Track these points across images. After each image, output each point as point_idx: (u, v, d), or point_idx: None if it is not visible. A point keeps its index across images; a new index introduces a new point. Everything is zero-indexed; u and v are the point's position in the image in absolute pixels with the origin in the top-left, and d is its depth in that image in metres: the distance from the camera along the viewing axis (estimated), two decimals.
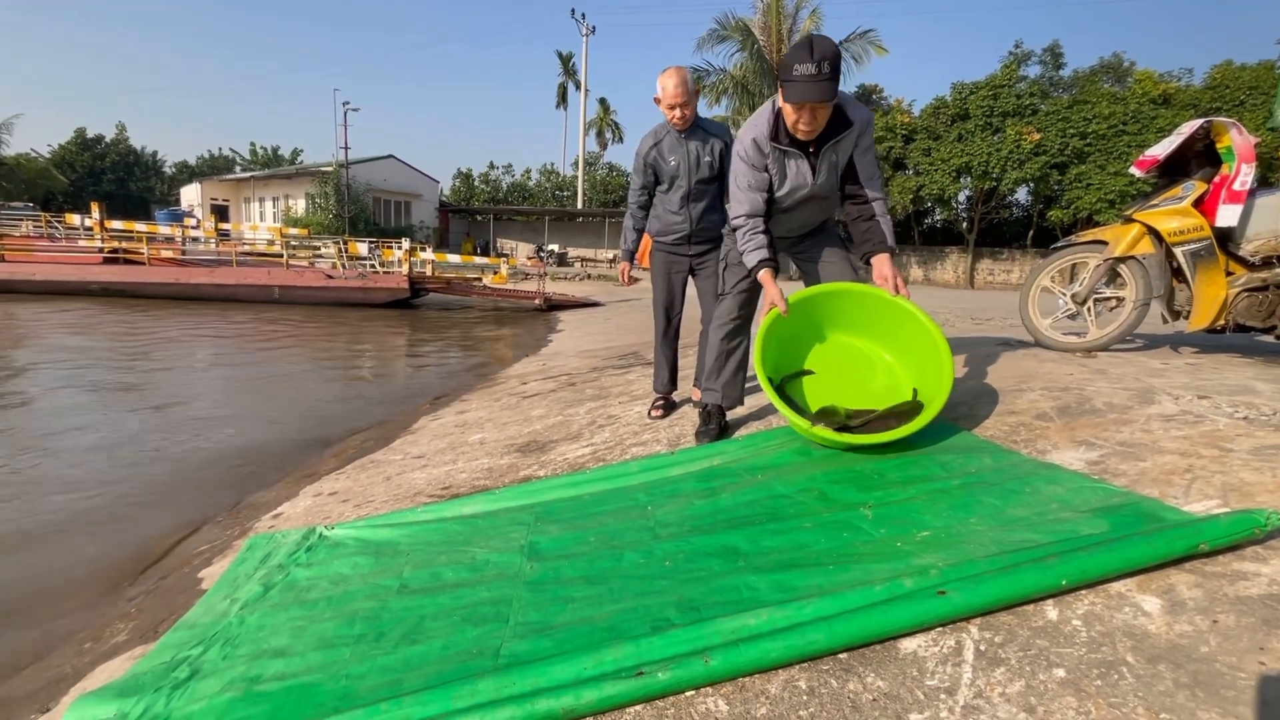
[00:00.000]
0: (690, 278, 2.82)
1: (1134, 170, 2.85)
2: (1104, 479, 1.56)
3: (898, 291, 2.03)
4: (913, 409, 1.95)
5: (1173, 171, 2.78)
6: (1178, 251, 2.69)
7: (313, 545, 1.91)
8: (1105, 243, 2.88)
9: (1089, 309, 2.95)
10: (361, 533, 1.95)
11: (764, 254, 2.09)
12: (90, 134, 47.28)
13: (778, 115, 2.00)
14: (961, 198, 24.21)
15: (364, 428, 3.88)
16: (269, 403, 4.63)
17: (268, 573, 1.77)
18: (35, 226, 16.64)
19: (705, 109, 25.82)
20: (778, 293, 2.08)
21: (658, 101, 2.55)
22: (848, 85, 29.80)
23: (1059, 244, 3.10)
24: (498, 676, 1.05)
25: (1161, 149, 2.73)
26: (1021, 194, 24.28)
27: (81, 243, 14.99)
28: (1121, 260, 2.81)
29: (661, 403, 2.92)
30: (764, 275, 2.10)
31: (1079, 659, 0.99)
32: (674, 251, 2.76)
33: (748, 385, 2.52)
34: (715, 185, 2.67)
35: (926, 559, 1.22)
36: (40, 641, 1.78)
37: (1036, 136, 20.54)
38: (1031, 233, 24.16)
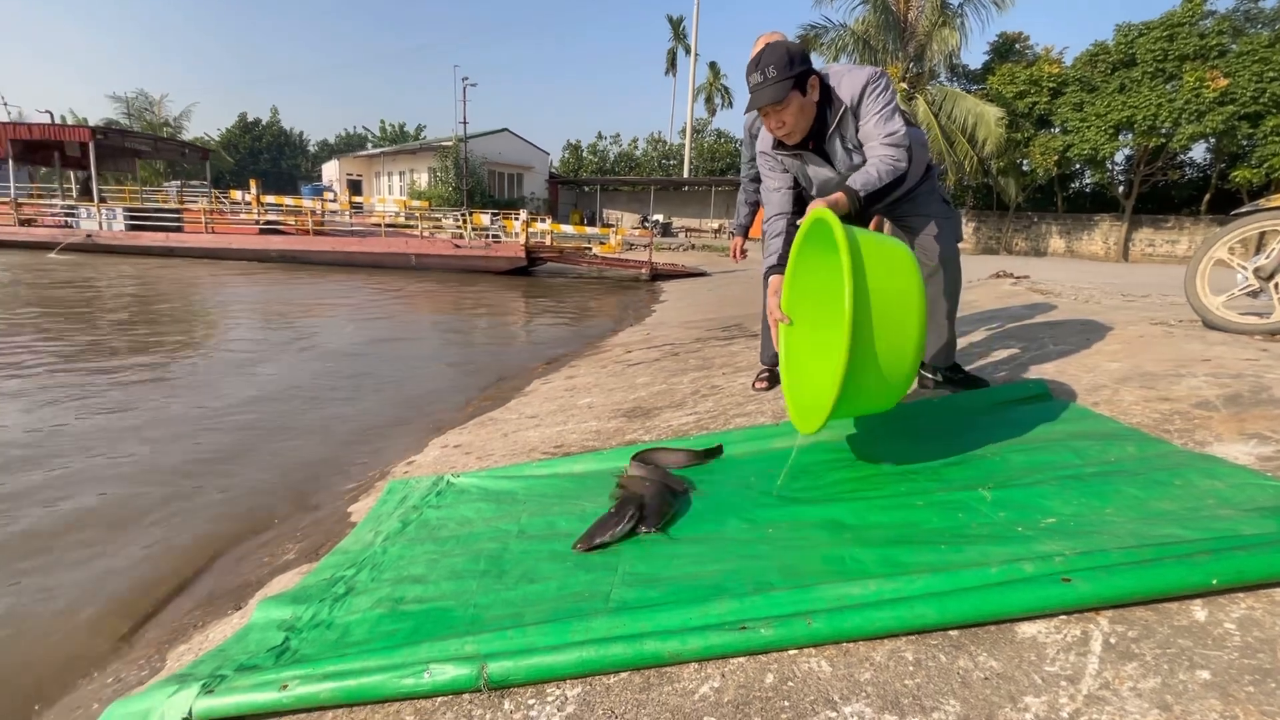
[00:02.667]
0: None
1: None
2: (1278, 476, 1.39)
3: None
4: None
5: None
6: None
7: (442, 490, 2.11)
8: None
9: (1276, 285, 2.56)
10: (483, 482, 2.13)
11: (773, 260, 2.01)
12: (250, 118, 53.01)
13: None
14: (1119, 157, 21.30)
15: (485, 387, 4.17)
16: (400, 363, 5.08)
17: (405, 512, 1.99)
18: (209, 202, 19.06)
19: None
20: (775, 303, 1.92)
21: None
22: (987, 31, 26.86)
23: (1243, 209, 2.69)
24: (609, 617, 1.13)
25: None
26: (1198, 151, 20.88)
27: (241, 216, 16.95)
28: None
29: (766, 374, 2.90)
30: (773, 282, 1.98)
31: (1229, 663, 0.91)
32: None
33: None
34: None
35: (1050, 546, 1.16)
36: (240, 553, 2.12)
37: (1224, 83, 17.39)
38: (1208, 197, 20.76)
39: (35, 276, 9.94)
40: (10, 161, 16.29)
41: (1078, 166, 22.02)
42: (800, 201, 2.08)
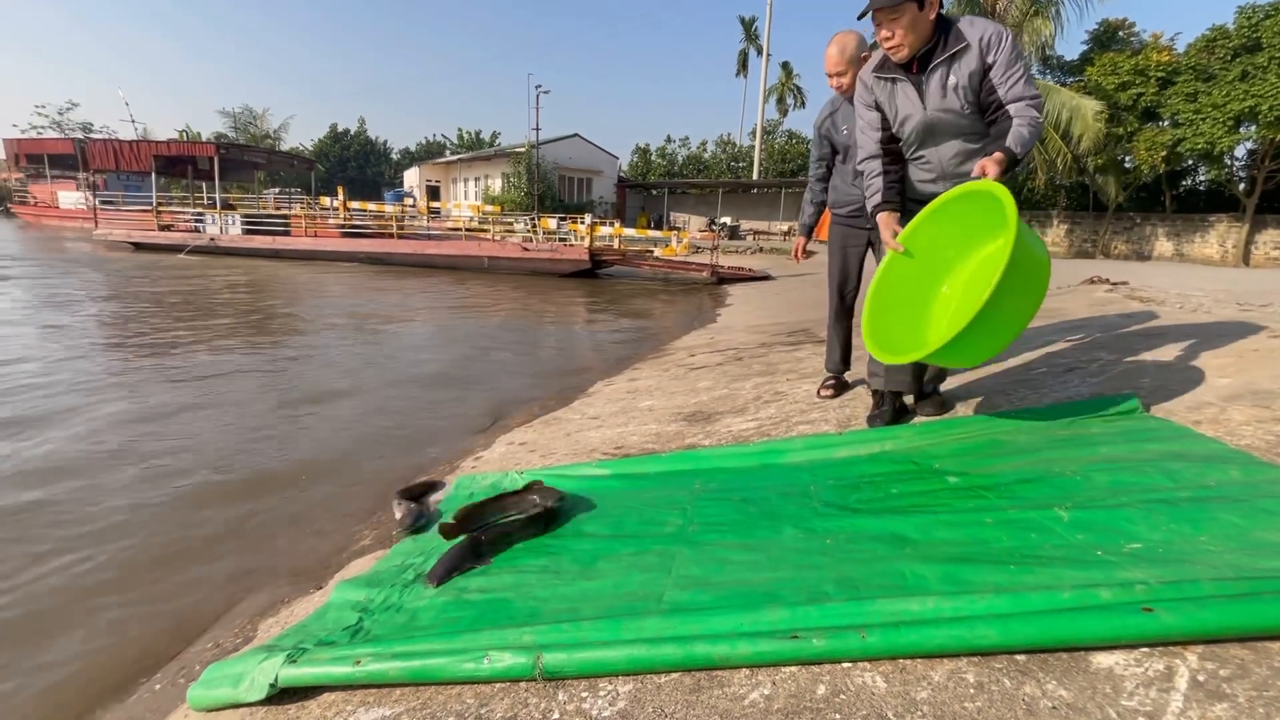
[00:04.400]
0: (870, 251, 2.68)
1: None
2: None
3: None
4: None
5: None
6: None
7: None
8: None
9: None
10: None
11: (879, 197, 2.01)
12: (340, 128, 56.55)
13: None
14: (1239, 152, 19.34)
15: (549, 387, 4.28)
16: (470, 363, 5.29)
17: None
18: (302, 208, 20.59)
19: None
20: (890, 234, 1.97)
21: None
22: (1086, 19, 24.98)
23: None
24: (662, 617, 1.15)
25: None
26: None
27: (330, 221, 18.25)
28: None
29: (833, 382, 2.83)
30: (881, 218, 2.00)
31: None
32: (851, 224, 2.64)
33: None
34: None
35: (1133, 572, 1.08)
36: (335, 535, 2.28)
37: None
38: None
39: (179, 272, 11.01)
40: (153, 174, 18.71)
41: (1190, 162, 20.16)
42: (892, 140, 2.06)
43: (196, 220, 17.48)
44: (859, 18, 1.92)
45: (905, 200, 2.08)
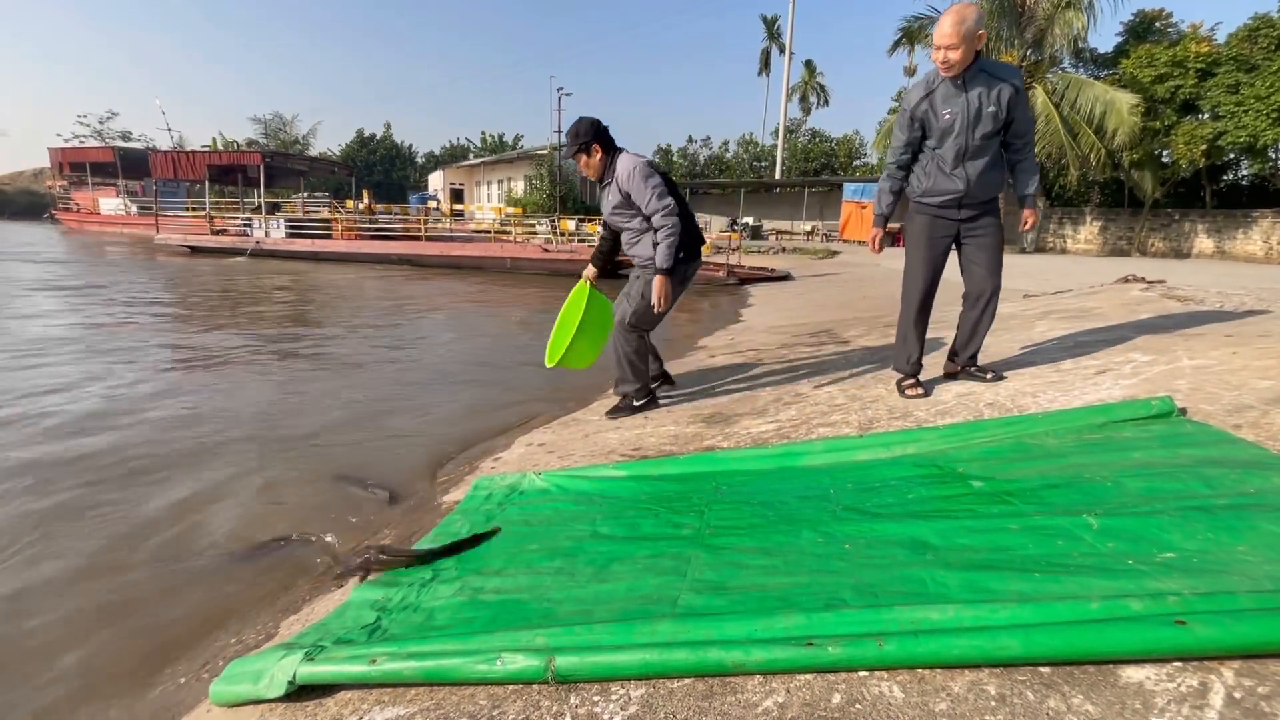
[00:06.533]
0: (954, 247, 2.56)
1: None
2: None
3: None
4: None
5: None
6: None
7: (524, 489, 2.20)
8: None
9: None
10: (563, 481, 2.20)
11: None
12: (366, 133, 57.58)
13: None
14: None
15: (565, 388, 4.30)
16: (487, 368, 5.34)
17: (489, 508, 2.09)
18: (332, 210, 21.13)
19: (926, 60, 23.21)
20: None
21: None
22: (1120, 10, 24.24)
23: None
24: (675, 622, 1.14)
25: None
26: None
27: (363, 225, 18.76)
28: None
29: (912, 381, 2.68)
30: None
31: None
32: (941, 215, 2.50)
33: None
34: (997, 139, 2.39)
35: (1165, 583, 1.04)
36: (354, 526, 2.32)
37: None
38: None
39: (233, 272, 11.37)
40: (206, 182, 20.20)
41: (1231, 156, 19.46)
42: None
43: (245, 224, 18.51)
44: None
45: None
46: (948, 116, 2.34)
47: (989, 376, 2.69)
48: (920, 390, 2.64)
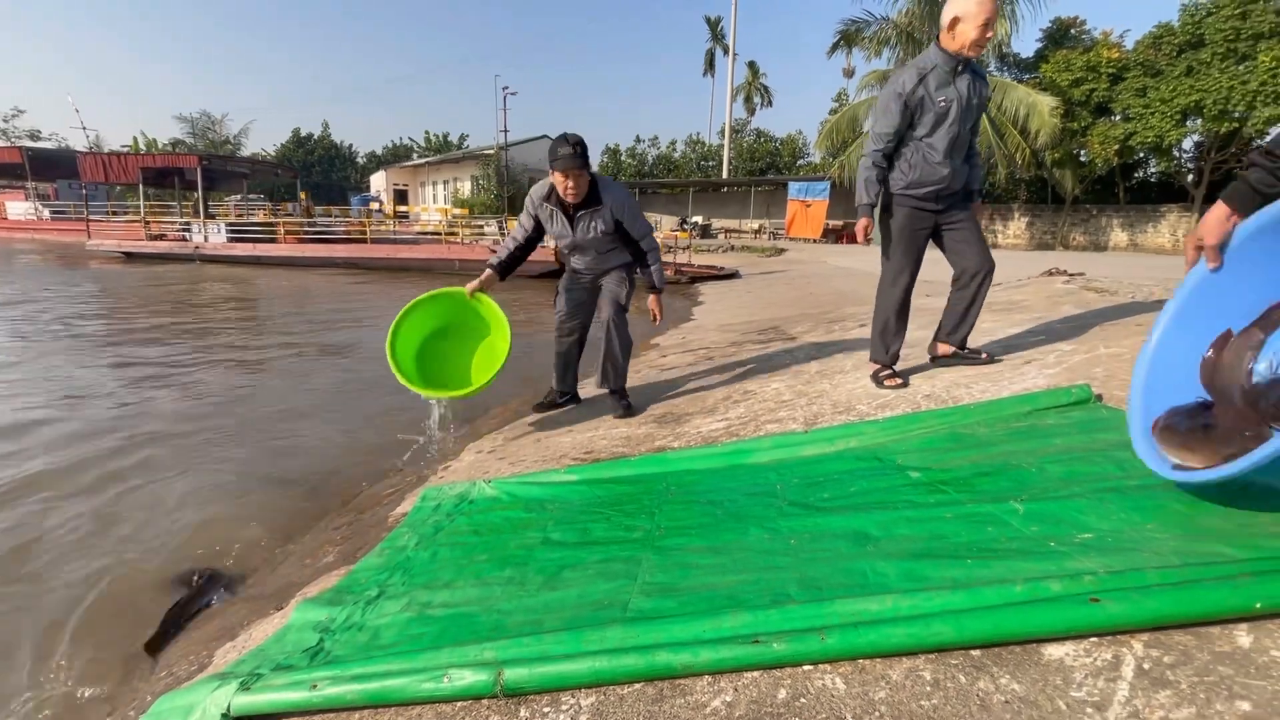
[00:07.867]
0: (933, 241, 2.59)
1: None
2: None
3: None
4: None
5: None
6: None
7: (474, 498, 2.16)
8: None
9: None
10: (514, 488, 2.17)
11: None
12: (304, 133, 55.32)
13: None
14: (1187, 144, 20.10)
15: (517, 392, 4.24)
16: None
17: (438, 519, 2.05)
18: (265, 214, 20.28)
19: (863, 62, 23.97)
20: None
21: (952, 25, 2.28)
22: (1039, 18, 25.61)
23: None
24: (625, 627, 1.14)
25: None
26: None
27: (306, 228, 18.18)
28: None
29: (889, 372, 2.68)
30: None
31: (1273, 694, 0.85)
32: (922, 207, 2.48)
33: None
34: (974, 134, 2.46)
35: (1083, 563, 1.11)
36: (282, 554, 2.22)
37: None
38: None
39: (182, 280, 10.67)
40: (140, 185, 18.98)
41: (1141, 155, 20.87)
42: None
43: (183, 229, 17.82)
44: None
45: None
46: (943, 104, 2.31)
47: (984, 357, 2.70)
48: (899, 380, 2.64)
